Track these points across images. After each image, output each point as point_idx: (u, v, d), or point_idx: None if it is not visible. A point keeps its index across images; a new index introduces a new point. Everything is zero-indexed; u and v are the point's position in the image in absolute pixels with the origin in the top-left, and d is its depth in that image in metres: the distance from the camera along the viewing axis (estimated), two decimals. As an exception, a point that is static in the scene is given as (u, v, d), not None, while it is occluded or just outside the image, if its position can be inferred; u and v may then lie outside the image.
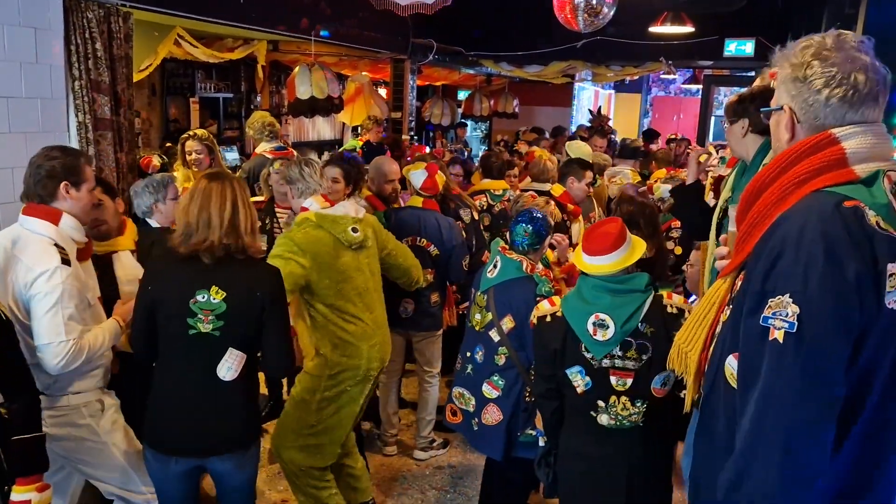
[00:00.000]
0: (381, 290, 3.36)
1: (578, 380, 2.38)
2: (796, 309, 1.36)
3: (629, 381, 2.34)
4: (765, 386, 1.39)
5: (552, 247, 3.42)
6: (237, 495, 2.65)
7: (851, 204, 1.40)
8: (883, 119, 2.63)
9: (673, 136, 10.02)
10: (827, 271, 1.35)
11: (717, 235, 2.77)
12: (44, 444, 2.19)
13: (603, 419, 2.38)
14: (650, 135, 9.99)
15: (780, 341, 1.37)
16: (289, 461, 3.21)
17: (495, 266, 3.08)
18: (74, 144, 3.88)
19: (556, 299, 2.52)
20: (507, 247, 3.12)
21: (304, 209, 3.15)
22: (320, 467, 3.21)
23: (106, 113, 4.05)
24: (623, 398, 2.36)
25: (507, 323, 2.97)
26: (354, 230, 3.14)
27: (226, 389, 2.47)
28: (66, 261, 2.42)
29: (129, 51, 4.21)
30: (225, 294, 2.39)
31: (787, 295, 1.38)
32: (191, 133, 4.83)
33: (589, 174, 4.45)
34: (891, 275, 1.37)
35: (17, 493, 2.10)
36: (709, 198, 3.34)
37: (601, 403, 2.37)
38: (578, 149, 5.83)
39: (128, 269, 2.90)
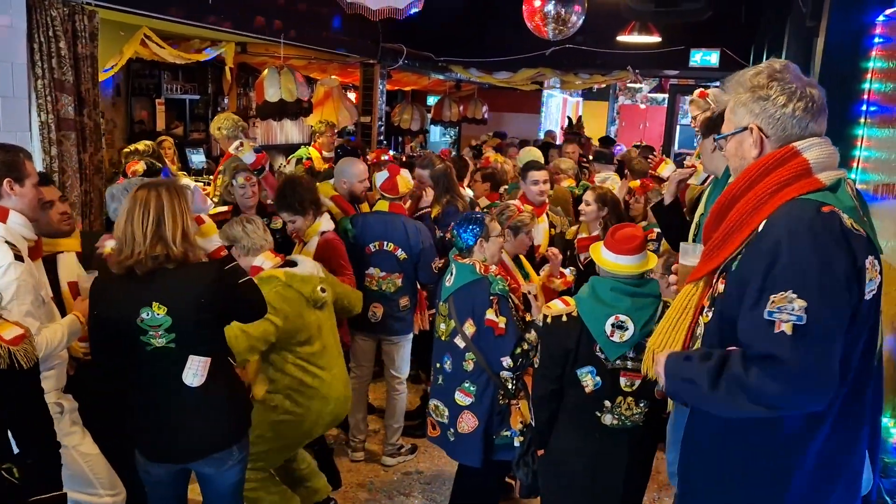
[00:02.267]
0: (340, 347, 3.34)
1: (588, 380, 2.43)
2: (803, 303, 1.50)
3: (637, 382, 2.40)
4: (784, 369, 1.50)
5: (546, 260, 3.44)
6: (221, 501, 2.63)
7: (828, 209, 1.56)
8: (843, 132, 2.76)
9: (638, 144, 10.15)
10: (822, 269, 1.51)
11: None
12: (66, 502, 2.10)
13: (607, 419, 2.44)
14: (607, 142, 10.11)
15: (789, 333, 1.50)
16: None
17: (451, 274, 3.11)
18: (37, 144, 3.80)
19: (570, 299, 2.54)
20: (458, 254, 3.14)
21: (257, 268, 3.11)
22: (258, 479, 3.15)
23: (69, 113, 3.97)
24: (629, 399, 2.42)
25: (469, 327, 2.98)
26: (322, 290, 3.15)
27: (197, 393, 2.44)
28: (18, 257, 2.39)
29: (94, 50, 4.14)
30: (167, 308, 2.34)
31: (791, 291, 1.51)
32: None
33: (539, 174, 4.44)
34: (865, 269, 1.55)
35: None
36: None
37: (608, 403, 2.43)
38: (528, 154, 5.88)
39: (71, 271, 2.85)
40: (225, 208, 4.22)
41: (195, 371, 2.42)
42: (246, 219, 3.26)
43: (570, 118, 13.86)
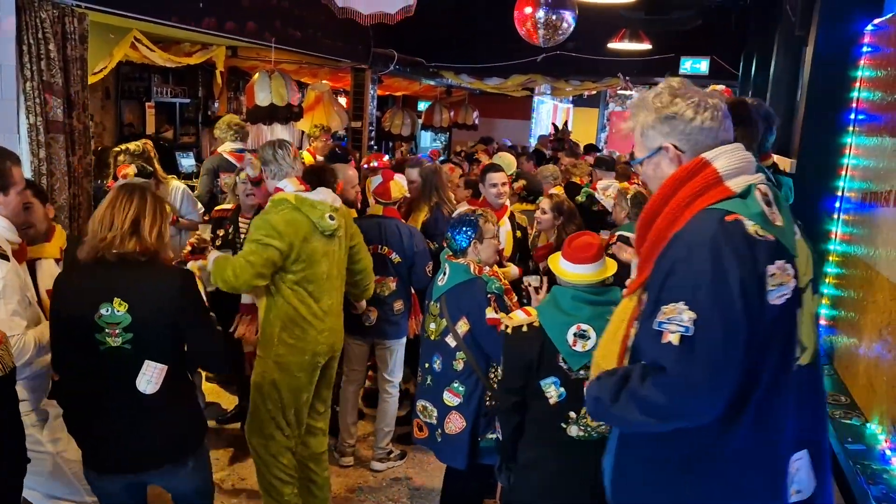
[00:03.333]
0: (344, 280, 3.40)
1: (552, 391, 2.38)
2: (693, 315, 1.55)
3: None
4: (668, 381, 1.56)
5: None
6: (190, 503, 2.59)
7: (732, 218, 1.60)
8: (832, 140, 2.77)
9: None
10: (715, 281, 1.55)
11: None
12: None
13: (573, 430, 2.38)
14: (591, 150, 10.15)
15: (676, 344, 1.56)
16: (252, 447, 3.25)
17: (444, 274, 3.10)
18: (25, 147, 3.77)
19: (532, 310, 2.52)
20: (451, 254, 3.14)
21: (279, 189, 3.18)
22: (285, 463, 3.22)
23: (58, 115, 3.94)
24: None
25: (462, 326, 2.98)
26: (332, 217, 3.18)
27: (150, 403, 2.33)
28: (4, 256, 2.37)
29: (83, 52, 4.11)
30: (128, 305, 2.26)
31: (682, 303, 1.57)
32: (122, 148, 4.48)
33: (496, 176, 4.42)
34: (771, 275, 1.58)
35: None
36: None
37: (573, 415, 2.38)
38: (500, 159, 5.89)
39: (50, 277, 2.74)
40: (229, 206, 4.24)
41: (150, 378, 2.31)
42: (279, 143, 3.28)
43: (555, 125, 13.88)
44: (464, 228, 3.08)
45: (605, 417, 1.79)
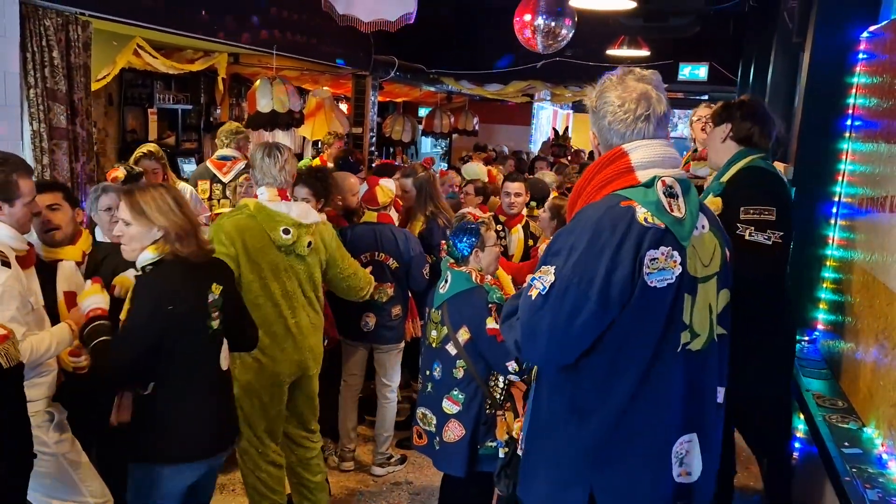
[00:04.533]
0: (320, 297, 3.30)
1: None
2: (552, 279, 1.75)
3: None
4: (522, 324, 1.81)
5: None
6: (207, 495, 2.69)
7: (626, 203, 1.76)
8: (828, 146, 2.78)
9: None
10: (582, 259, 1.72)
11: None
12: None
13: None
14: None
15: (533, 298, 1.77)
16: (237, 455, 3.24)
17: (446, 281, 3.11)
18: (28, 153, 3.80)
19: None
20: (453, 262, 3.15)
21: (255, 196, 3.15)
22: (264, 475, 3.21)
23: (62, 122, 3.98)
24: None
25: (463, 334, 2.99)
26: (286, 231, 3.04)
27: (224, 380, 2.58)
28: (5, 263, 2.37)
29: (87, 60, 4.15)
30: (221, 287, 2.50)
31: (553, 268, 1.76)
32: (144, 151, 4.59)
33: (512, 186, 4.66)
34: (653, 259, 1.72)
35: None
36: None
37: None
38: (467, 169, 5.94)
39: (69, 280, 2.83)
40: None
41: (225, 354, 2.56)
42: (269, 150, 3.14)
43: (555, 130, 13.92)
44: (465, 236, 3.09)
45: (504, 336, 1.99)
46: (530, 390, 2.11)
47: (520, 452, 2.06)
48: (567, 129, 13.25)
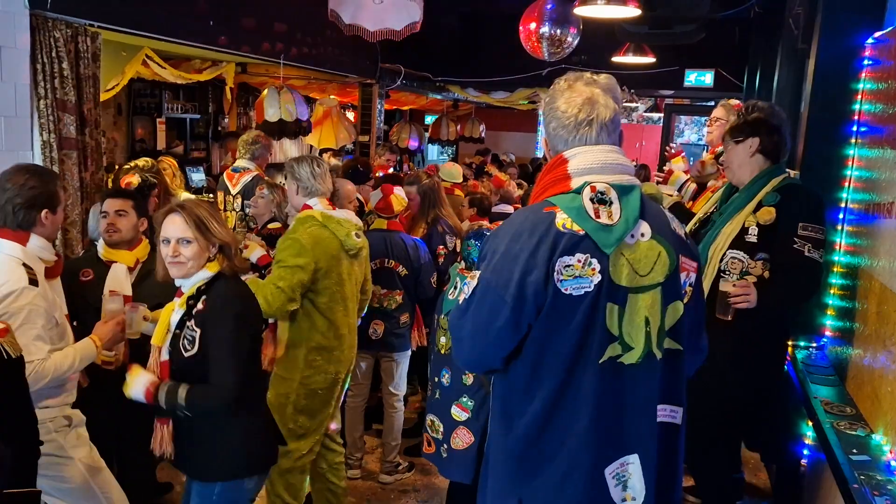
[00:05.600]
0: (359, 301, 3.47)
1: None
2: (475, 284, 1.78)
3: None
4: (450, 327, 1.87)
5: None
6: None
7: (549, 209, 1.76)
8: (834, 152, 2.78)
9: (633, 162, 10.22)
10: (500, 262, 1.73)
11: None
12: (38, 501, 2.09)
13: None
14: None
15: (460, 302, 1.84)
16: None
17: (455, 288, 3.09)
18: (38, 163, 3.82)
19: None
20: (464, 269, 3.13)
21: (306, 207, 3.20)
22: (293, 482, 3.25)
23: (71, 132, 4.01)
24: None
25: None
26: (357, 235, 3.24)
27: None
28: (33, 281, 2.41)
29: (96, 70, 4.19)
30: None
31: (478, 272, 1.80)
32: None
33: None
34: (566, 266, 1.70)
35: None
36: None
37: None
38: (445, 170, 5.97)
39: (115, 282, 2.97)
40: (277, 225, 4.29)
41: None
42: (316, 160, 3.28)
43: None
44: (479, 243, 3.08)
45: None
46: None
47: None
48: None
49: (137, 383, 2.34)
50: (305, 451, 3.25)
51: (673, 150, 4.91)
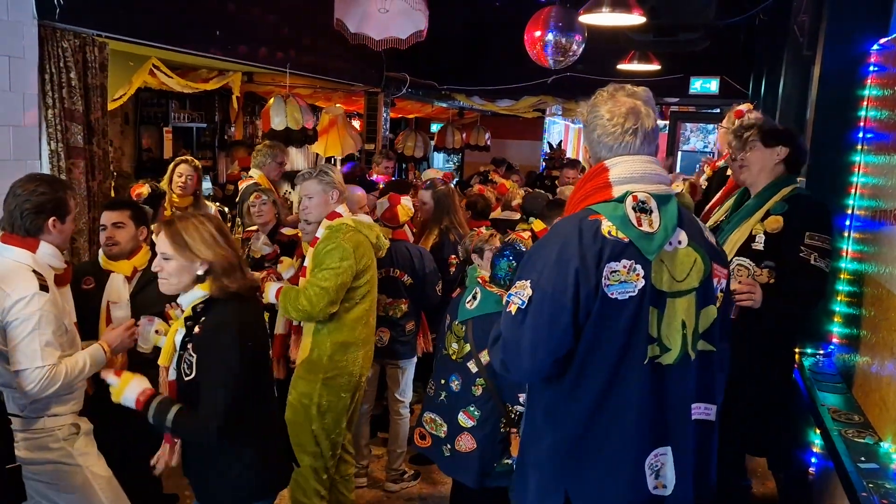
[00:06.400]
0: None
1: None
2: (531, 292, 1.81)
3: None
4: (505, 340, 1.87)
5: None
6: None
7: (594, 217, 1.83)
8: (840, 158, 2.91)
9: None
10: (554, 269, 1.79)
11: None
12: (20, 475, 2.12)
13: None
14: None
15: (514, 313, 1.83)
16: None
17: (474, 297, 3.06)
18: (46, 172, 3.84)
19: None
20: (486, 279, 3.10)
21: (338, 215, 3.31)
22: (318, 484, 3.29)
23: (79, 141, 4.03)
24: None
25: (485, 356, 2.97)
26: (385, 237, 3.39)
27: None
28: (44, 287, 2.44)
29: (104, 80, 4.21)
30: (267, 314, 2.64)
31: (528, 281, 1.82)
32: (185, 158, 4.95)
33: None
34: (613, 271, 1.78)
35: None
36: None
37: None
38: (430, 175, 5.98)
39: (113, 292, 2.99)
40: (254, 228, 4.37)
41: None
42: (330, 168, 3.45)
43: (550, 143, 13.96)
44: (507, 259, 3.02)
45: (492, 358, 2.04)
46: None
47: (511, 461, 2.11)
48: (561, 142, 13.26)
49: (131, 389, 2.27)
50: (316, 461, 3.27)
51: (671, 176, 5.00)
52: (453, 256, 4.36)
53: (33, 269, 2.45)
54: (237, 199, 5.21)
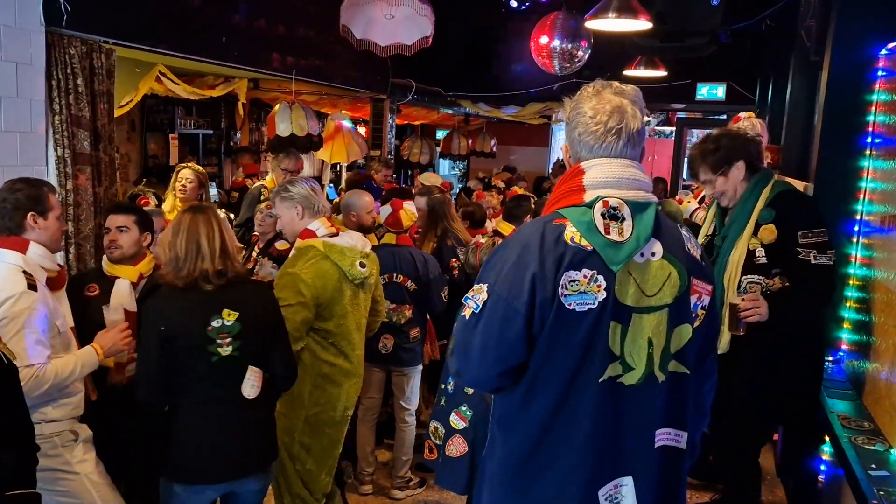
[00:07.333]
0: (365, 328, 3.32)
1: None
2: (485, 297, 1.71)
3: None
4: (456, 344, 1.78)
5: None
6: None
7: (558, 222, 1.72)
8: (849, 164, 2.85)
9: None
10: (511, 272, 1.69)
11: None
12: (39, 502, 2.09)
13: None
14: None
15: (467, 317, 1.74)
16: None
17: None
18: (53, 178, 3.87)
19: None
20: None
21: (310, 233, 3.01)
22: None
23: (85, 148, 4.04)
24: None
25: None
26: (362, 265, 3.04)
27: (251, 407, 2.56)
28: (32, 286, 2.43)
29: (110, 87, 4.23)
30: (237, 314, 2.49)
31: (485, 285, 1.73)
32: (188, 164, 4.94)
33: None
34: (571, 280, 1.66)
35: None
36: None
37: None
38: (429, 177, 5.98)
39: (119, 297, 2.95)
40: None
41: (253, 382, 2.53)
42: (305, 181, 3.17)
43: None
44: None
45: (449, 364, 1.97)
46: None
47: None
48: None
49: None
50: (310, 498, 3.14)
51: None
52: (454, 260, 4.35)
53: (23, 270, 2.45)
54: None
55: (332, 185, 9.03)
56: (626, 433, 1.72)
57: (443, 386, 3.12)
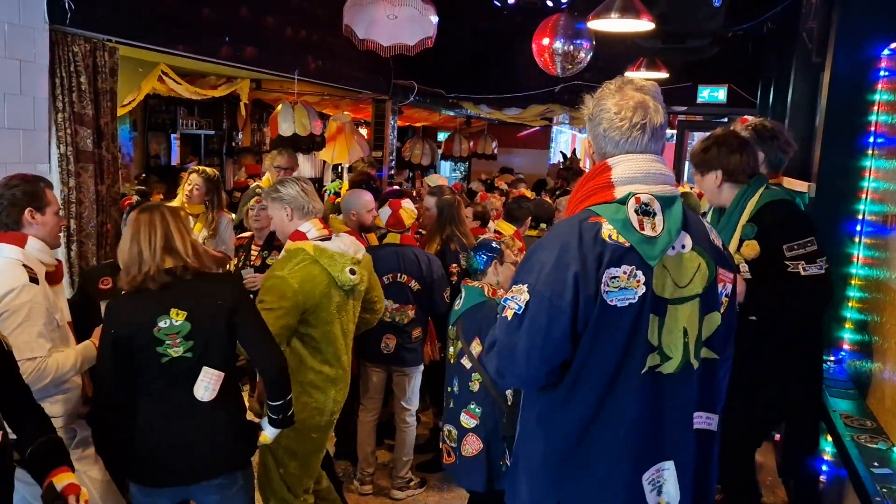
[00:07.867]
0: (352, 333, 3.24)
1: None
2: (527, 297, 1.73)
3: None
4: (498, 346, 1.79)
5: None
6: None
7: (594, 220, 1.75)
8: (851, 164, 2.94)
9: None
10: (552, 272, 1.71)
11: None
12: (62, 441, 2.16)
13: None
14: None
15: (510, 318, 1.75)
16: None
17: (461, 298, 3.16)
18: (55, 176, 3.87)
19: None
20: (468, 279, 3.18)
21: (301, 235, 2.95)
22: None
23: (88, 145, 4.05)
24: None
25: (476, 347, 3.01)
26: (352, 272, 2.97)
27: (206, 410, 2.43)
28: (33, 279, 2.45)
29: (113, 85, 4.23)
30: (186, 314, 2.38)
31: (526, 286, 1.75)
32: (198, 168, 4.90)
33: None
34: (612, 277, 1.70)
35: (62, 481, 2.02)
36: None
37: None
38: (435, 179, 5.98)
39: None
40: (247, 234, 4.40)
41: (207, 384, 2.42)
42: (297, 181, 3.05)
43: (563, 153, 13.95)
44: (485, 251, 3.13)
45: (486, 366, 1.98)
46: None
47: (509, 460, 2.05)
48: (574, 151, 13.24)
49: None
50: (295, 500, 3.10)
51: None
52: (454, 265, 4.33)
53: (23, 264, 2.46)
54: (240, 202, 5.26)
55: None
56: (666, 420, 1.79)
57: (448, 389, 3.13)
